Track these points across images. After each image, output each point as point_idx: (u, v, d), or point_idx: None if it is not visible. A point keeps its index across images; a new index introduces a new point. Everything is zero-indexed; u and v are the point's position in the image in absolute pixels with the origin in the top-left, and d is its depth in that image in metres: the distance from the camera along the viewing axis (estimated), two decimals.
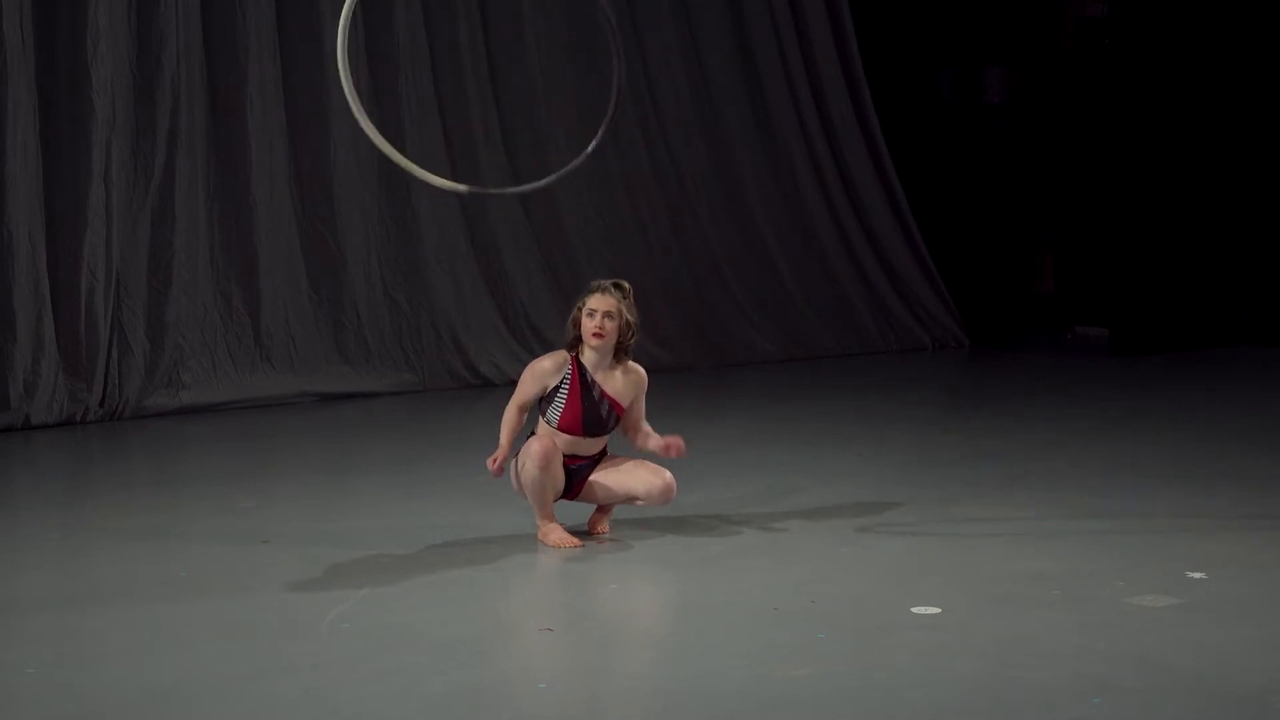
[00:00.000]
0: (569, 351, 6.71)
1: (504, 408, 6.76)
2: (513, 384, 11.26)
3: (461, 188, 7.32)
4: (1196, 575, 5.93)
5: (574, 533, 6.63)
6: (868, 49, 13.58)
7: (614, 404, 6.69)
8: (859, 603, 5.73)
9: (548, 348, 11.86)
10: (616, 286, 6.71)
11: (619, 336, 6.69)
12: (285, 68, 10.90)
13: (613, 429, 6.74)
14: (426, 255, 11.39)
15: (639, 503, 6.74)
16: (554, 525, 6.62)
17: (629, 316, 6.70)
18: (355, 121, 11.02)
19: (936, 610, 5.51)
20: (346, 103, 6.73)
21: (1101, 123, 13.40)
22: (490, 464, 6.58)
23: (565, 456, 6.66)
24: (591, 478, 6.74)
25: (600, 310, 6.64)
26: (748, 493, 7.52)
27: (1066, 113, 14.04)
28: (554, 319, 11.89)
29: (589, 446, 6.73)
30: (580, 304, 6.70)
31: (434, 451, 8.91)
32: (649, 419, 6.79)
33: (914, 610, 5.53)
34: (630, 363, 6.77)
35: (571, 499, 6.76)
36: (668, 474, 6.69)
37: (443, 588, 5.93)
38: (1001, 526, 6.81)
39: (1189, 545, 6.42)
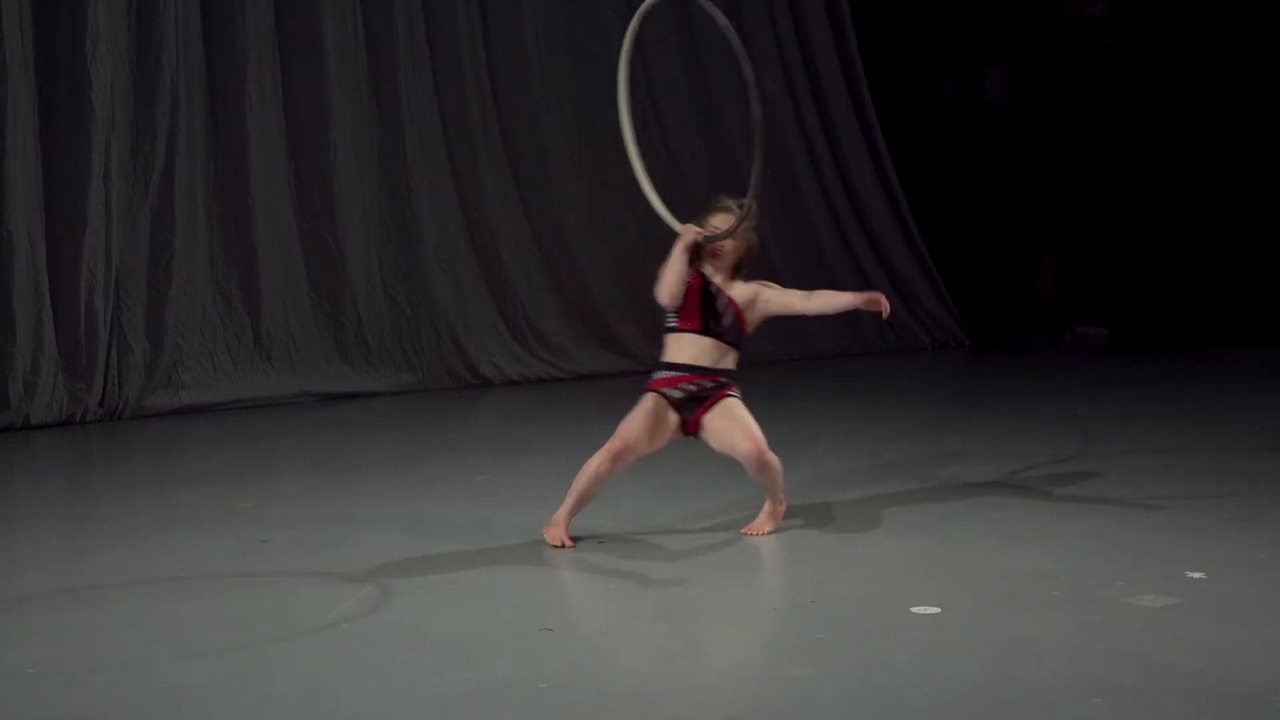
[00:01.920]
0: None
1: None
2: (512, 383, 11.38)
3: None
4: (1196, 575, 5.93)
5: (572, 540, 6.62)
6: (868, 49, 13.58)
7: (733, 304, 6.71)
8: (859, 603, 5.73)
9: (548, 347, 11.93)
10: (743, 208, 6.71)
11: (737, 256, 6.77)
12: (285, 68, 10.90)
13: (731, 336, 6.71)
14: (426, 255, 11.39)
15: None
16: (563, 527, 6.56)
17: (751, 238, 6.79)
18: (358, 123, 11.11)
19: (936, 610, 5.51)
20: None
21: (1101, 123, 13.39)
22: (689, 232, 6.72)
23: (686, 372, 6.67)
24: (705, 418, 6.65)
25: (722, 229, 6.73)
26: (747, 493, 7.51)
27: (1066, 113, 14.04)
28: (554, 318, 11.90)
29: (704, 354, 6.68)
30: (702, 220, 6.77)
31: (434, 451, 8.91)
32: None
33: (914, 610, 5.53)
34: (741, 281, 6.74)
35: (690, 433, 6.69)
36: (760, 439, 6.58)
37: (443, 587, 5.93)
38: (1001, 527, 6.81)
39: (1189, 545, 6.42)
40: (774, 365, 12.42)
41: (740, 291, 6.81)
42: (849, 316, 13.19)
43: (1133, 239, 12.71)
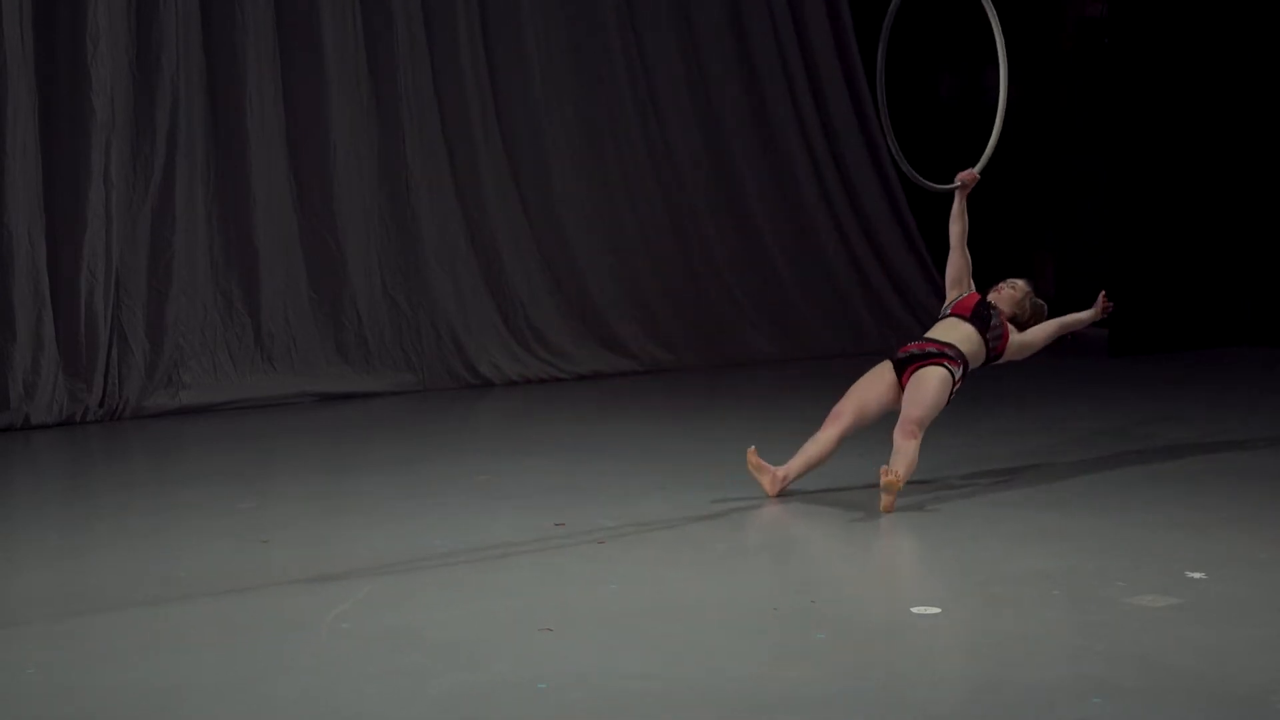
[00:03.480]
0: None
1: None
2: (512, 384, 11.38)
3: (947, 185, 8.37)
4: (1196, 575, 5.92)
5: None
6: (867, 49, 13.58)
7: (1004, 322, 7.59)
8: (859, 603, 5.72)
9: (548, 347, 11.94)
10: (1036, 296, 7.84)
11: (1013, 313, 7.70)
12: (285, 68, 10.91)
13: (989, 340, 7.49)
14: (426, 255, 11.40)
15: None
16: (769, 471, 7.24)
17: (1025, 308, 7.73)
18: (358, 123, 11.10)
19: (937, 611, 5.50)
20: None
21: (1101, 123, 13.40)
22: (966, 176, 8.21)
23: (920, 340, 7.44)
24: (915, 373, 7.26)
25: (1005, 286, 7.80)
26: (747, 493, 7.52)
27: (1066, 113, 14.04)
28: (554, 319, 11.91)
29: (952, 333, 7.44)
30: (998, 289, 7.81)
31: (434, 452, 8.90)
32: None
33: (914, 610, 5.52)
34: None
35: (901, 384, 7.32)
36: (927, 412, 7.17)
37: (443, 588, 5.92)
38: (1001, 527, 6.81)
39: (1189, 545, 6.42)
40: (775, 365, 12.43)
41: (1010, 330, 7.67)
42: (848, 316, 13.21)
43: (1133, 239, 12.72)
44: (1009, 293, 7.77)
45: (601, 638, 5.29)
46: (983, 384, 12.21)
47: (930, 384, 7.23)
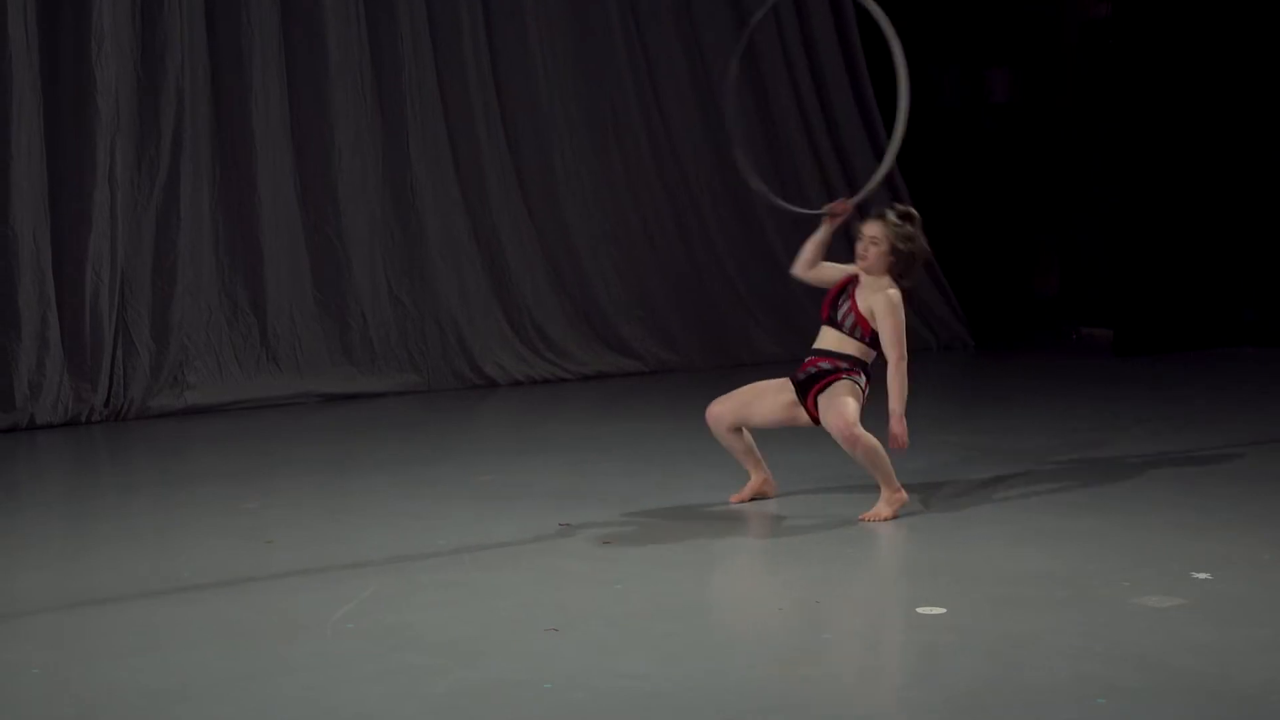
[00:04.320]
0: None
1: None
2: (517, 384, 11.39)
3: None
4: (1201, 576, 5.92)
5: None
6: (871, 48, 13.58)
7: (855, 309, 6.90)
8: (864, 603, 5.72)
9: (552, 348, 11.94)
10: (900, 217, 6.92)
11: (889, 265, 6.89)
12: (289, 68, 10.90)
13: (849, 332, 6.91)
14: (431, 256, 11.40)
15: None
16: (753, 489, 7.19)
17: (903, 246, 6.89)
18: (362, 124, 11.11)
19: (942, 611, 5.51)
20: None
21: (1105, 124, 13.39)
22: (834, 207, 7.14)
23: (812, 355, 6.98)
24: (818, 398, 6.92)
25: (866, 235, 6.89)
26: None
27: (1070, 114, 14.04)
28: (559, 319, 11.91)
29: (829, 340, 6.95)
30: (860, 223, 7.00)
31: (438, 452, 8.91)
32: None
33: (919, 610, 5.53)
34: (896, 285, 6.91)
35: (815, 421, 7.00)
36: (848, 416, 6.81)
37: (447, 588, 5.93)
38: (1006, 527, 6.81)
39: (1194, 546, 6.42)
40: (779, 365, 12.41)
41: (868, 300, 6.92)
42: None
43: (1136, 240, 12.71)
44: (875, 253, 6.89)
45: (605, 638, 5.29)
46: (987, 385, 12.23)
47: (839, 392, 6.90)
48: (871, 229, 6.89)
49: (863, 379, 6.98)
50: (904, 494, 6.97)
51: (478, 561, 6.32)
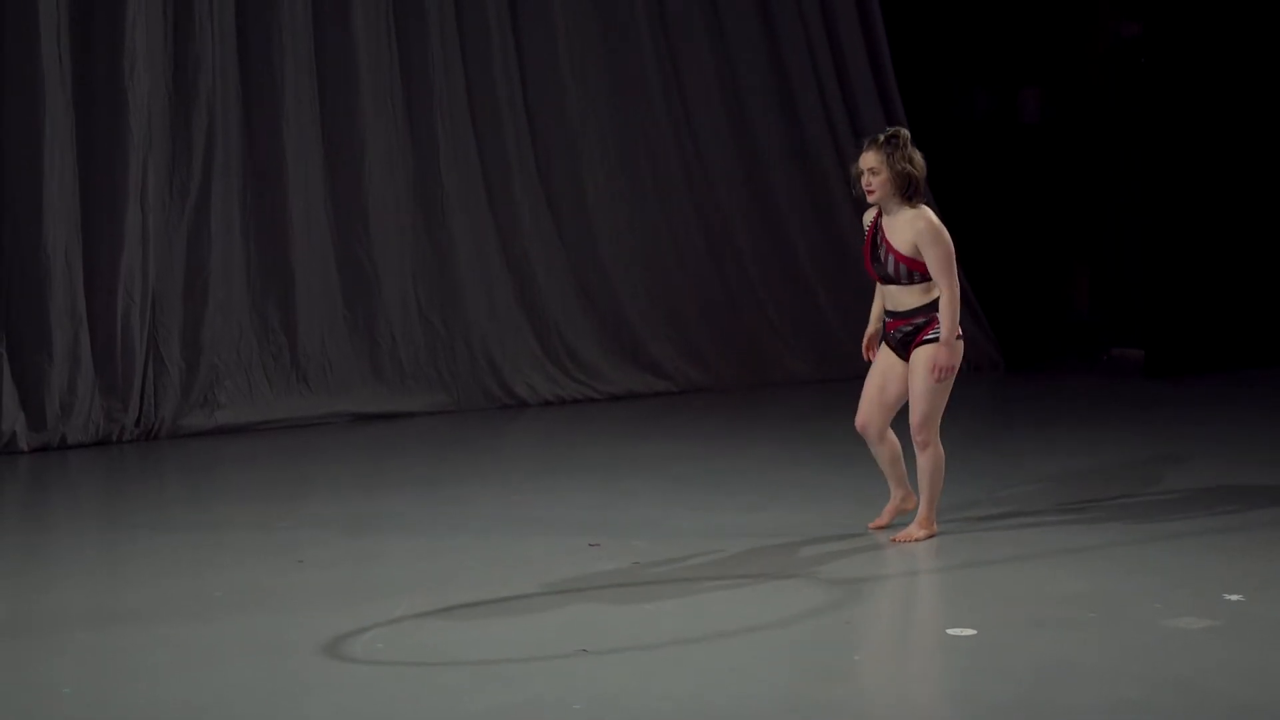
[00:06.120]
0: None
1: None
2: (547, 404, 11.39)
3: None
4: (1234, 598, 5.90)
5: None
6: (901, 68, 13.57)
7: (892, 251, 6.84)
8: (894, 624, 5.71)
9: (582, 368, 11.95)
10: (888, 139, 6.84)
11: (896, 187, 6.81)
12: (320, 89, 10.93)
13: (906, 279, 6.87)
14: (461, 276, 11.40)
15: None
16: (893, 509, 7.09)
17: (900, 165, 6.80)
18: (393, 144, 11.13)
19: (973, 632, 5.49)
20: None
21: (1136, 142, 13.36)
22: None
23: (890, 318, 7.00)
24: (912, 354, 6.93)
25: (865, 168, 6.83)
26: (781, 514, 7.51)
27: (1101, 133, 14.01)
28: (588, 339, 11.91)
29: (895, 299, 6.92)
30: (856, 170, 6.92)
31: (469, 472, 8.91)
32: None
33: (949, 632, 5.51)
34: (920, 209, 6.87)
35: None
36: (930, 416, 6.90)
37: (479, 608, 5.93)
38: (1037, 548, 6.79)
39: (1226, 567, 6.39)
40: (811, 385, 12.40)
41: (900, 234, 6.87)
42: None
43: (1168, 259, 12.66)
44: (879, 181, 6.81)
45: (636, 658, 5.28)
46: (1017, 406, 12.19)
47: (918, 373, 6.94)
48: (867, 159, 6.83)
49: (938, 330, 6.98)
50: (936, 528, 6.94)
51: (508, 581, 6.32)
